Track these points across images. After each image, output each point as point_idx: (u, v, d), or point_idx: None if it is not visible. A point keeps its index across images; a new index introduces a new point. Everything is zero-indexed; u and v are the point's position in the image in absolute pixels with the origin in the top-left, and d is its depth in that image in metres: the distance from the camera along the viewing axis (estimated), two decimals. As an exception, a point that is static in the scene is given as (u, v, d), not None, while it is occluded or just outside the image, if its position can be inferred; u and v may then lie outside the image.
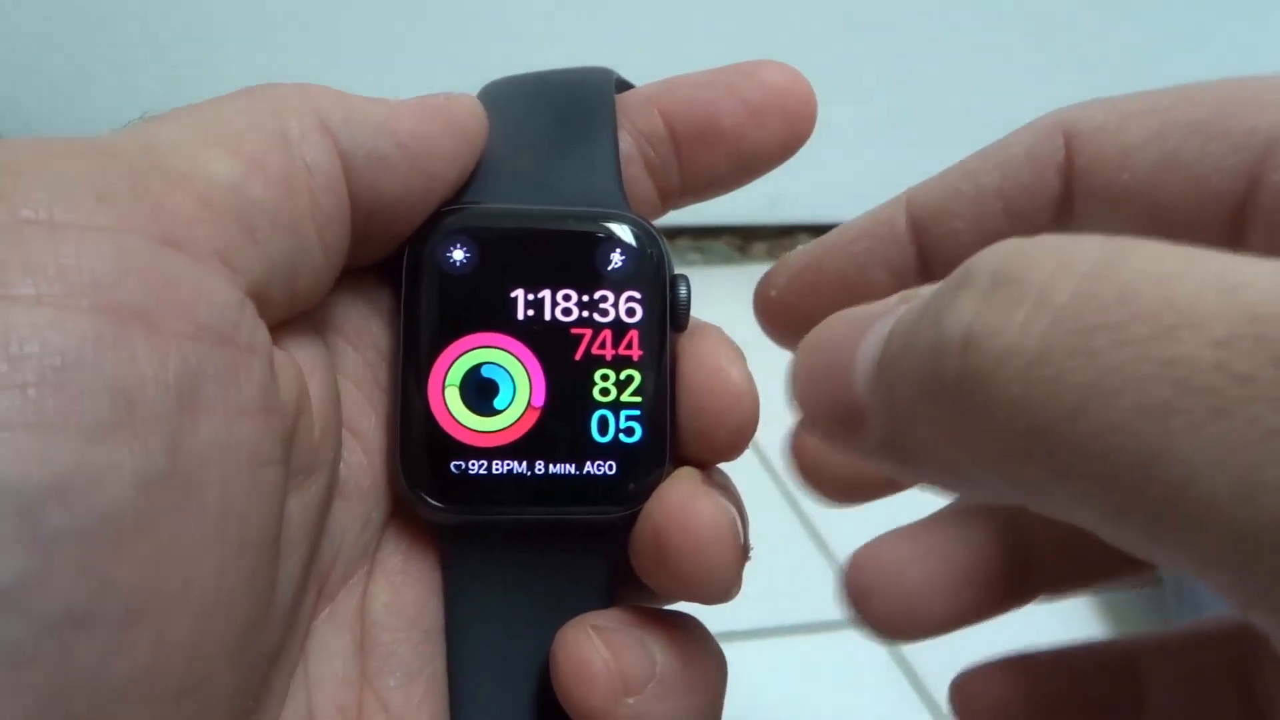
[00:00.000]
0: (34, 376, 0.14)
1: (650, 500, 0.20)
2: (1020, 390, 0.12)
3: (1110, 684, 0.23)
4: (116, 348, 0.14)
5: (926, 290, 0.15)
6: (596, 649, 0.19)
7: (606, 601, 0.21)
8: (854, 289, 0.22)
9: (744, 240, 0.86)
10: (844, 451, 0.16)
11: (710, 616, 0.21)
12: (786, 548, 0.53)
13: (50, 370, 0.14)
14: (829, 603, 0.52)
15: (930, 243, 0.22)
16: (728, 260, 0.86)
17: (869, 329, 0.15)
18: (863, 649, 0.52)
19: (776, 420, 0.20)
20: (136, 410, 0.14)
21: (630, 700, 0.19)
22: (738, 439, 0.20)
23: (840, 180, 0.88)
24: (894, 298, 0.16)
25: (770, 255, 0.86)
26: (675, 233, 0.84)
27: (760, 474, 0.59)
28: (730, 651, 0.20)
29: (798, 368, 0.17)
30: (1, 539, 0.13)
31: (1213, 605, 0.46)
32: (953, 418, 0.13)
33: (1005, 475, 0.13)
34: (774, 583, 0.57)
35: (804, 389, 0.16)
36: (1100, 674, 0.23)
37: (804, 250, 0.23)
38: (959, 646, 0.26)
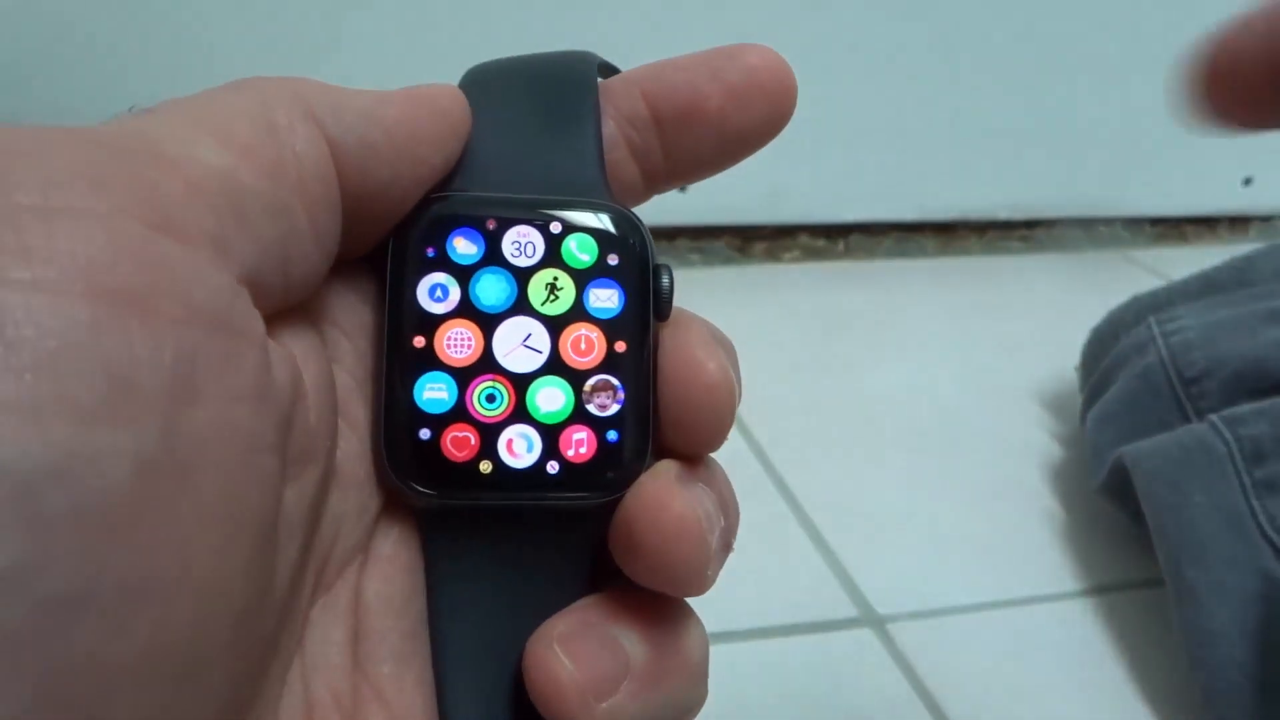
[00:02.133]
0: (30, 360, 0.14)
1: (629, 490, 0.20)
2: None
3: None
4: (112, 331, 0.15)
5: None
6: (561, 663, 0.19)
7: (587, 588, 0.21)
8: None
9: (744, 240, 0.86)
10: None
11: (710, 617, 0.21)
12: (786, 548, 0.53)
13: (46, 354, 0.14)
14: (829, 603, 0.52)
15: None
16: (727, 260, 0.86)
17: None
18: (863, 649, 0.52)
19: (777, 420, 0.20)
20: (133, 393, 0.15)
21: (603, 705, 0.19)
22: (714, 430, 0.21)
23: (840, 180, 0.88)
24: None
25: (770, 255, 0.86)
26: (675, 233, 0.84)
27: (761, 474, 0.59)
28: (730, 651, 0.20)
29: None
30: None
31: (1211, 605, 0.46)
32: None
33: None
34: (774, 583, 0.57)
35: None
36: None
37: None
38: (959, 646, 0.26)
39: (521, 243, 0.21)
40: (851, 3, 0.80)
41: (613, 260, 0.21)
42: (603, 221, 0.21)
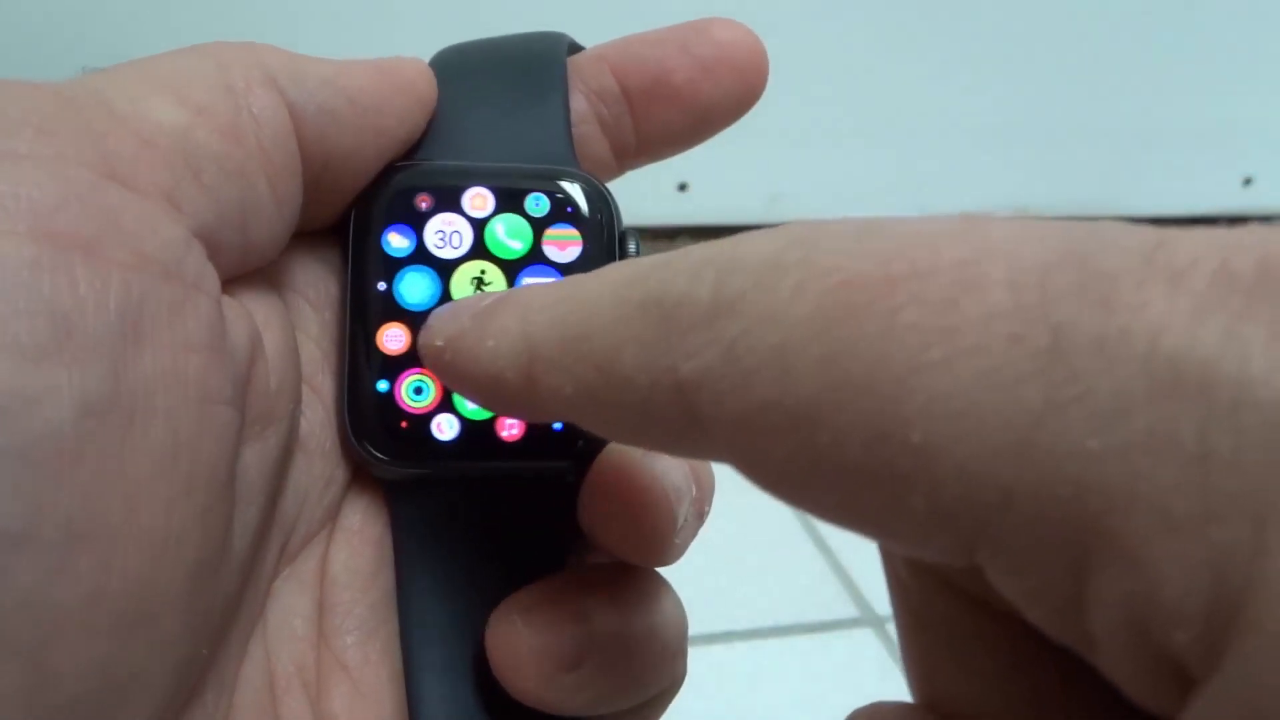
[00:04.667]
0: None
1: (596, 460, 0.20)
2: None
3: None
4: (54, 272, 0.14)
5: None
6: (521, 635, 0.19)
7: (558, 559, 0.20)
8: None
9: (744, 240, 0.86)
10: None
11: (711, 617, 0.21)
12: (786, 548, 0.53)
13: None
14: (829, 603, 0.52)
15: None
16: (727, 260, 0.86)
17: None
18: (863, 649, 0.52)
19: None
20: (75, 334, 0.14)
21: (568, 676, 0.19)
22: None
23: (840, 181, 0.88)
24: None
25: (770, 255, 0.86)
26: (675, 232, 0.84)
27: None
28: (730, 651, 0.20)
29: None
30: None
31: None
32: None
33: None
34: (774, 583, 0.57)
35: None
36: None
37: None
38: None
39: (479, 202, 0.20)
40: (853, 4, 0.80)
41: (577, 225, 0.21)
42: (567, 187, 0.21)
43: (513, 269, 0.20)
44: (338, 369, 0.20)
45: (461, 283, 0.20)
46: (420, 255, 0.20)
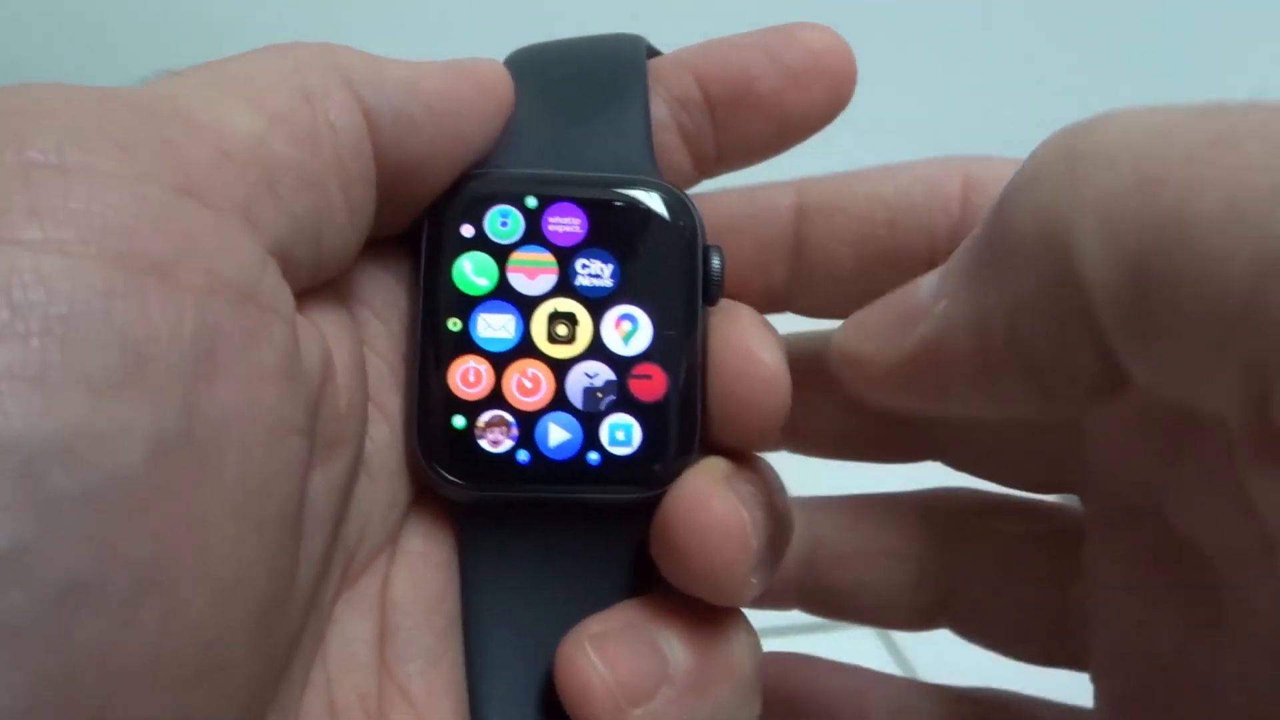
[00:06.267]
0: (38, 326, 0.13)
1: (672, 487, 0.19)
2: (1132, 157, 0.15)
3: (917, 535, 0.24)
4: (128, 298, 0.13)
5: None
6: (593, 665, 0.18)
7: (630, 590, 0.20)
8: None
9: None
10: (898, 362, 0.17)
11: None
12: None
13: (56, 319, 0.13)
14: (829, 603, 0.52)
15: (808, 230, 0.22)
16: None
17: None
18: (863, 649, 0.51)
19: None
20: (149, 367, 0.13)
21: (637, 711, 0.18)
22: (766, 426, 0.19)
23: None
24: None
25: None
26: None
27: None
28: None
29: (847, 327, 0.19)
30: (0, 500, 0.12)
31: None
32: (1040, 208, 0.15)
33: (1101, 253, 0.14)
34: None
35: (855, 329, 0.19)
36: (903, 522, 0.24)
37: None
38: (959, 646, 0.26)
39: (563, 222, 0.19)
40: (856, 4, 0.80)
41: (660, 240, 0.20)
42: (650, 201, 0.20)
43: (627, 260, 0.19)
44: (406, 386, 0.20)
45: (541, 320, 0.19)
46: (502, 291, 0.19)
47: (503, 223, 0.19)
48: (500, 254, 0.19)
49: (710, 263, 0.20)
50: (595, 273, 0.19)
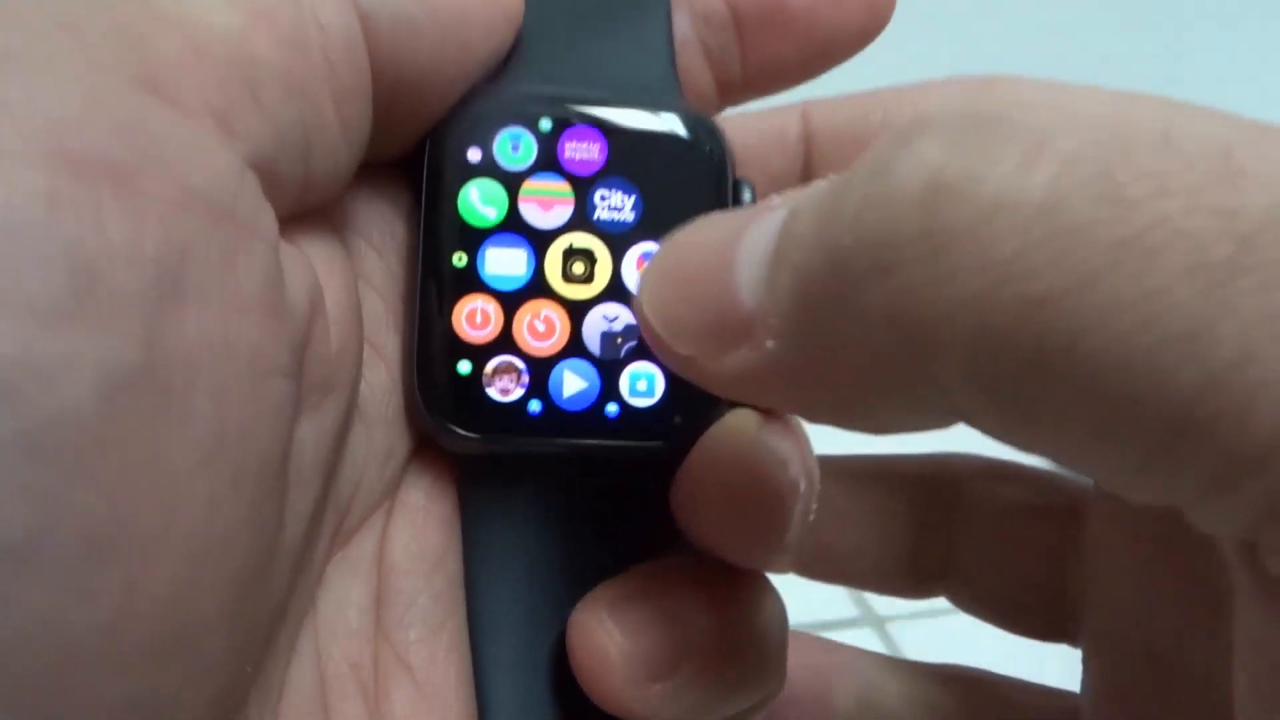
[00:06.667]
0: None
1: (704, 439, 0.17)
2: (1017, 248, 0.10)
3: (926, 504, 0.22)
4: (78, 209, 0.11)
5: (821, 181, 0.13)
6: (610, 635, 0.16)
7: (647, 550, 0.18)
8: None
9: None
10: (719, 377, 0.14)
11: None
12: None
13: None
14: (829, 603, 0.52)
15: (820, 155, 0.20)
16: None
17: (750, 224, 0.13)
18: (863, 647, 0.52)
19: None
20: (102, 290, 0.11)
21: (657, 686, 0.16)
22: None
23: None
24: (773, 196, 0.14)
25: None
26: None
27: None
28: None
29: (655, 274, 0.14)
30: None
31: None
32: (897, 298, 0.11)
33: (973, 369, 0.11)
34: (774, 583, 0.57)
35: (665, 299, 0.14)
36: (919, 488, 0.22)
37: None
38: (959, 646, 0.26)
39: (581, 148, 0.18)
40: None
41: (688, 171, 0.18)
42: (674, 126, 0.18)
43: (649, 191, 0.18)
44: (405, 327, 0.18)
45: (555, 256, 0.18)
46: (513, 223, 0.17)
47: (514, 147, 0.18)
48: (511, 182, 0.18)
49: (741, 198, 0.18)
50: (616, 205, 0.18)
